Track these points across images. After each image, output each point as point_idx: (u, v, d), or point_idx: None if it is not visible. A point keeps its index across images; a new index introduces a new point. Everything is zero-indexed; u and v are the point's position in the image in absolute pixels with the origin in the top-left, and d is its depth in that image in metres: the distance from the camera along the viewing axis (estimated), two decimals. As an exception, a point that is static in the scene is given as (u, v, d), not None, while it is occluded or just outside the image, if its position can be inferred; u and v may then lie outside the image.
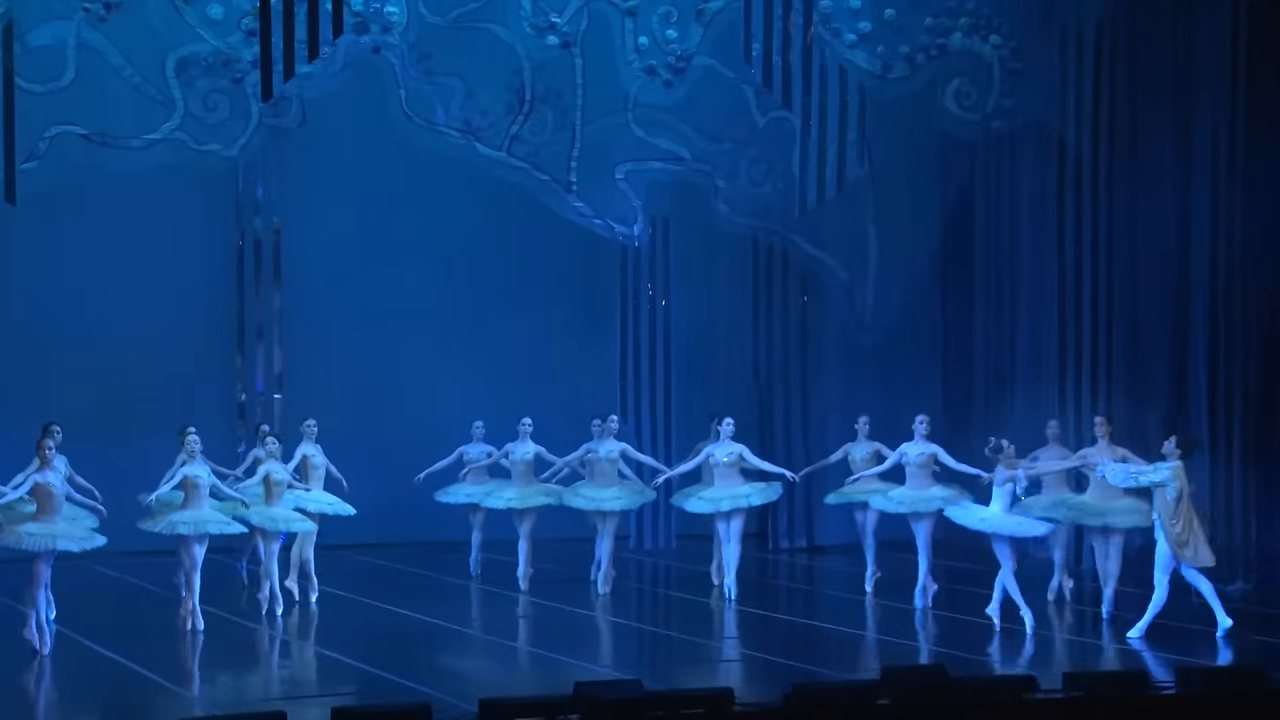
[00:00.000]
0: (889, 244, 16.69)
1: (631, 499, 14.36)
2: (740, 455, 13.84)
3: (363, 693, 10.29)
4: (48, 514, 11.43)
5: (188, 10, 14.36)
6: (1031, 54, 15.94)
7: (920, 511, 13.33)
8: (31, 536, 11.31)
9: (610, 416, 14.56)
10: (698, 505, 13.99)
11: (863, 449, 14.18)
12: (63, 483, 11.67)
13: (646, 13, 15.54)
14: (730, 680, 10.02)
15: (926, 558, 13.40)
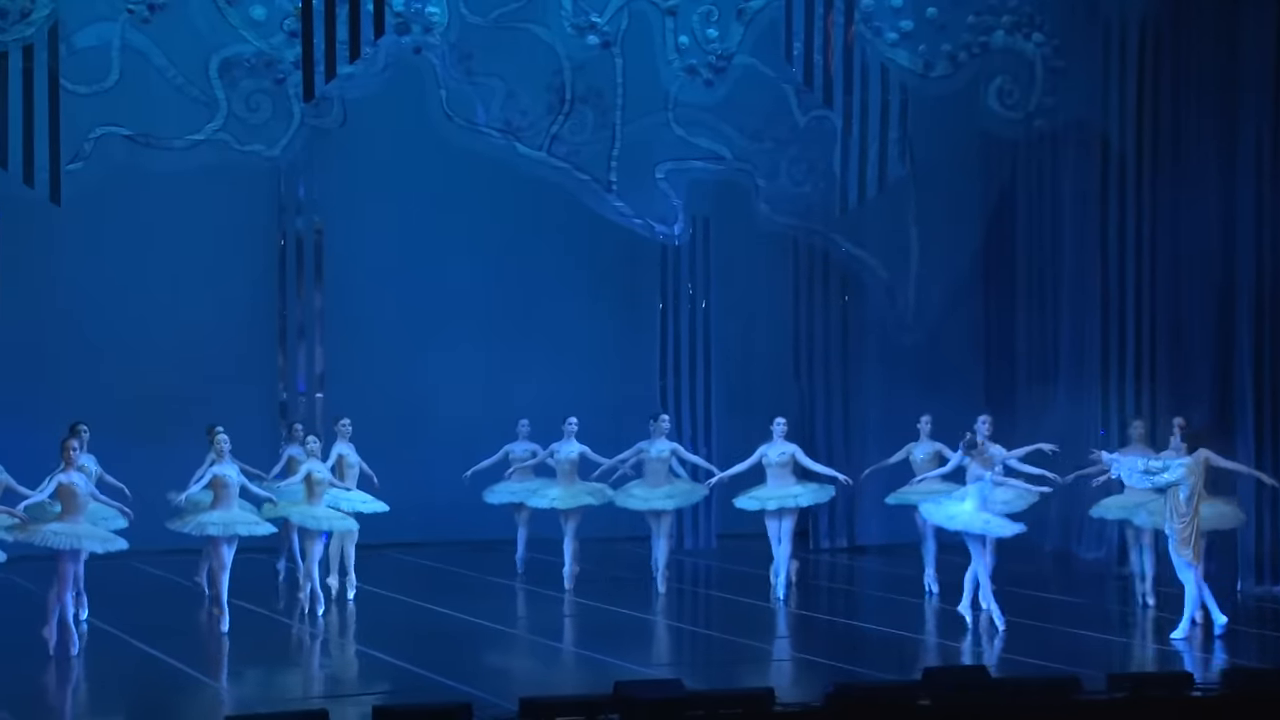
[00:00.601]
0: (930, 243, 16.64)
1: (684, 498, 14.38)
2: (792, 456, 13.82)
3: (404, 691, 10.31)
4: (71, 514, 11.49)
5: (230, 11, 14.44)
6: (1074, 52, 15.86)
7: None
8: (56, 535, 11.38)
9: (662, 416, 14.61)
10: (747, 503, 14.01)
11: (925, 449, 14.04)
12: (87, 483, 11.73)
13: (687, 12, 15.55)
14: (771, 680, 10.01)
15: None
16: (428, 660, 11.17)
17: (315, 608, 13.03)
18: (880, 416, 16.81)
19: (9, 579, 13.01)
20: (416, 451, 16.24)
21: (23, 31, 13.74)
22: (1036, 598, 13.25)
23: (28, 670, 11.04)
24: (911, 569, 15.16)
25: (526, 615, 13.76)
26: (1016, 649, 11.90)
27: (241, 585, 13.57)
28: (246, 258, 17.06)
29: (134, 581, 14.25)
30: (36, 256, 16.03)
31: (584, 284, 17.75)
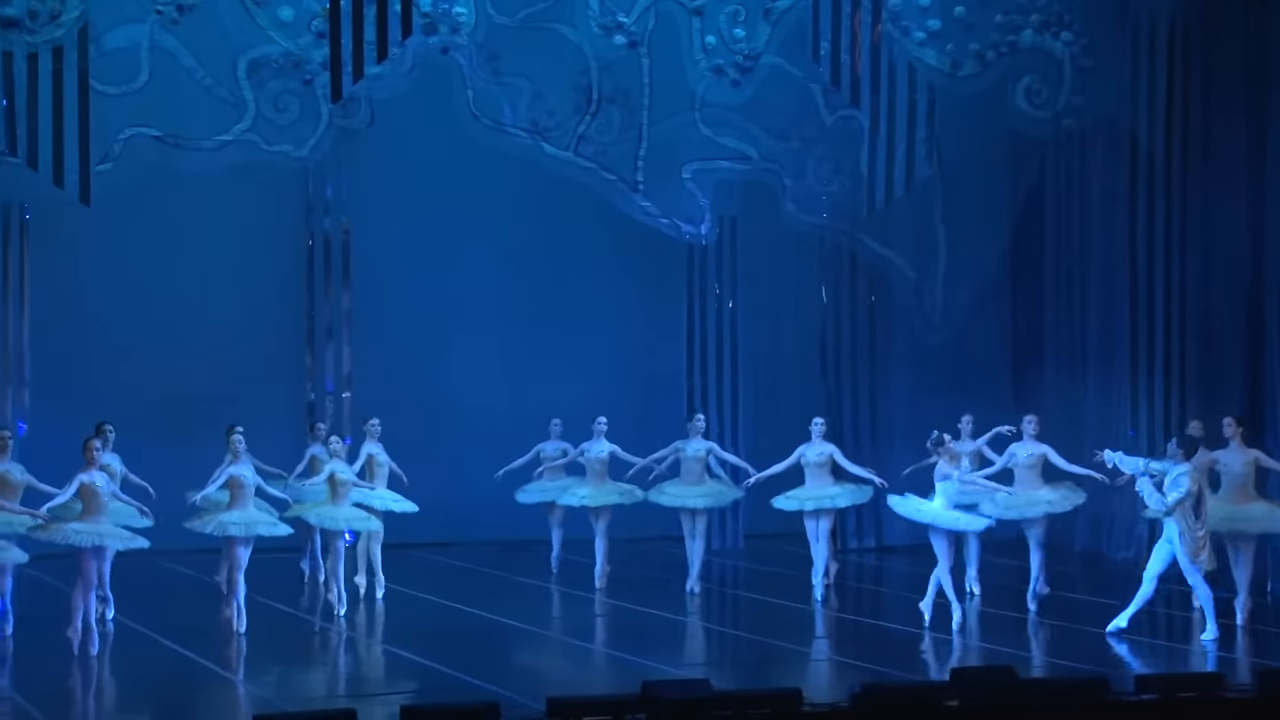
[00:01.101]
0: (958, 243, 16.63)
1: (719, 497, 14.38)
2: (830, 456, 13.81)
3: (432, 691, 10.32)
4: (93, 513, 11.52)
5: (259, 12, 14.53)
6: (1103, 51, 15.84)
7: (1029, 516, 13.15)
8: (77, 534, 11.41)
9: (698, 415, 14.63)
10: (785, 504, 14.00)
11: (965, 448, 13.88)
12: (108, 482, 11.77)
13: (714, 12, 15.58)
14: (799, 680, 10.00)
15: (1038, 560, 13.15)
16: (456, 660, 11.18)
17: (338, 608, 13.05)
18: (907, 417, 16.77)
19: (37, 577, 13.08)
20: (444, 451, 16.28)
21: (53, 33, 13.84)
22: (1065, 598, 13.22)
23: (55, 669, 11.10)
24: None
25: (556, 615, 13.78)
26: (1045, 649, 11.88)
27: (267, 584, 13.66)
28: (274, 258, 17.13)
29: (161, 580, 14.31)
30: (66, 257, 16.14)
31: (610, 284, 17.78)
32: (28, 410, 15.78)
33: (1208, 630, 11.95)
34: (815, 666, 11.45)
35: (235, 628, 12.20)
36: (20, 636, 12.01)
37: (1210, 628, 11.94)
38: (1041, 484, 13.13)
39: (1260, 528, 12.67)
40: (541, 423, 15.26)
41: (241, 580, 12.30)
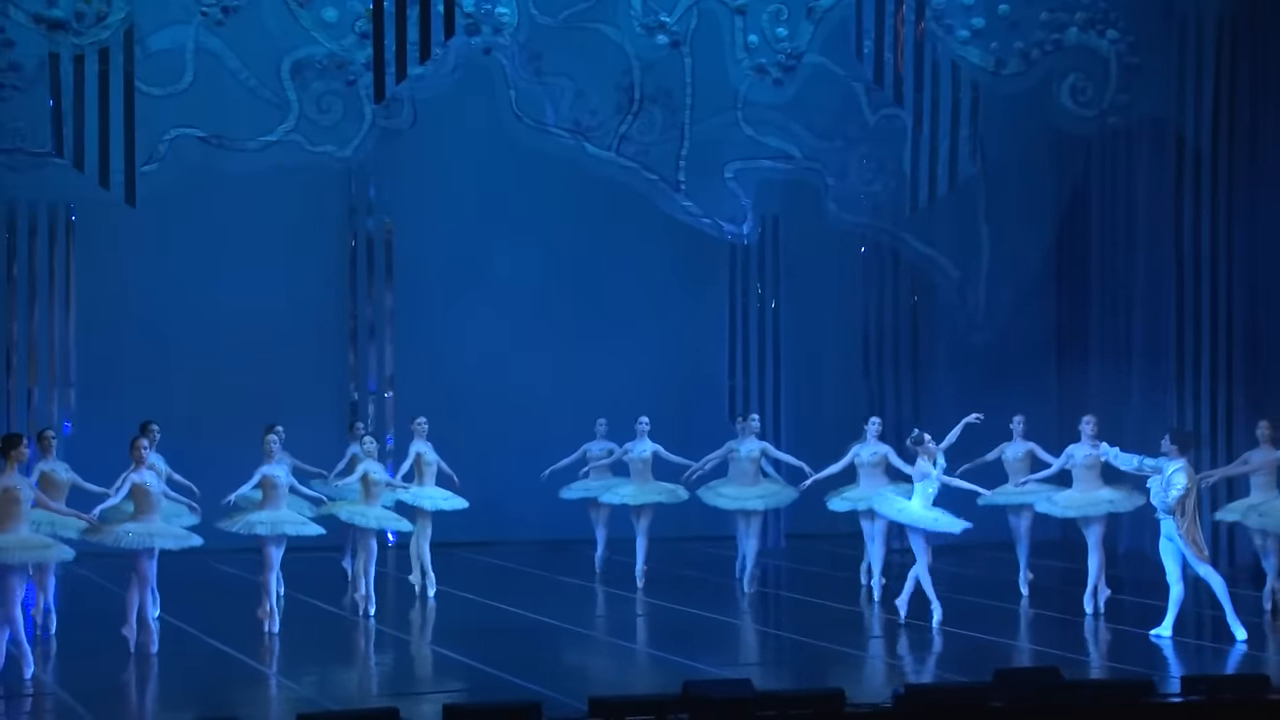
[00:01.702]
0: (1001, 242, 16.58)
1: (776, 498, 14.37)
2: (885, 456, 13.77)
3: (475, 690, 10.35)
4: (145, 513, 11.57)
5: (302, 14, 14.61)
6: (1149, 49, 15.77)
7: (1090, 515, 13.09)
8: (130, 535, 11.46)
9: (751, 415, 14.62)
10: (840, 504, 13.97)
11: (1017, 448, 13.90)
12: (159, 481, 11.83)
13: (756, 11, 15.58)
14: (842, 680, 9.98)
15: (1098, 561, 13.05)
16: (499, 659, 11.19)
17: (367, 606, 13.09)
18: (951, 417, 16.63)
19: (82, 575, 13.18)
20: (486, 450, 16.32)
21: (98, 35, 13.96)
22: (1111, 599, 13.14)
23: (104, 667, 11.18)
24: (982, 569, 15.12)
25: (600, 615, 13.78)
26: (1089, 650, 11.82)
27: (310, 583, 13.74)
28: (317, 258, 17.24)
29: (207, 578, 14.40)
30: (111, 258, 16.30)
31: (652, 284, 17.81)
32: (72, 410, 15.95)
33: (1238, 634, 11.84)
34: (859, 666, 11.41)
35: (268, 627, 12.24)
36: (63, 634, 12.11)
37: (1237, 628, 11.83)
38: (1101, 484, 13.01)
39: None
40: (584, 422, 15.29)
41: (274, 580, 12.35)
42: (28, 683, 10.58)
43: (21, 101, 13.91)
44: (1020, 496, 13.79)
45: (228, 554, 14.15)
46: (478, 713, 9.04)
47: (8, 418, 15.50)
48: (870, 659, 11.76)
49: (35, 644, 11.45)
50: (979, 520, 14.81)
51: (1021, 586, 13.96)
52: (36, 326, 15.92)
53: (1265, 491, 12.82)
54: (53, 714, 9.80)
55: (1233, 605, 11.91)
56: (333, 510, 13.05)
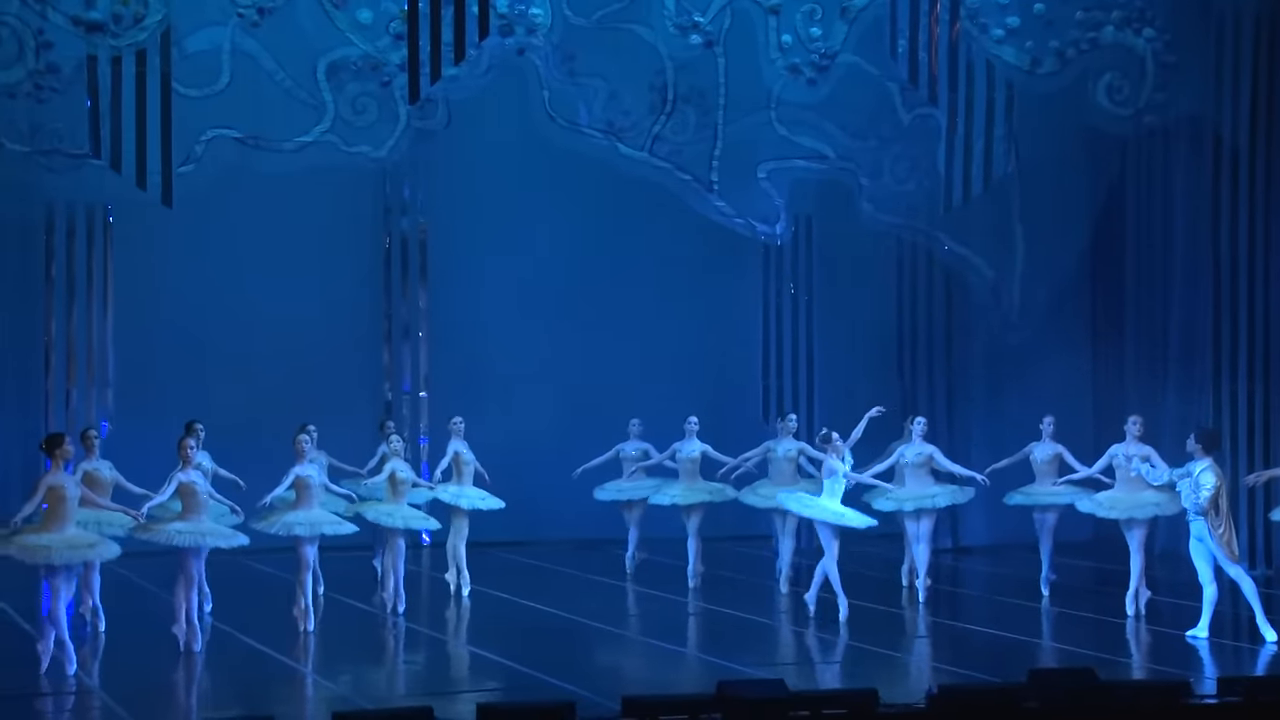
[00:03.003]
0: (1036, 241, 16.55)
1: None
2: (930, 456, 13.79)
3: (509, 689, 10.42)
4: (193, 512, 11.69)
5: (337, 15, 14.69)
6: (1186, 47, 15.72)
7: (1135, 518, 13.05)
8: (180, 534, 11.57)
9: (789, 415, 14.67)
10: (886, 504, 13.94)
11: (1046, 449, 13.87)
12: (205, 481, 11.95)
13: (790, 10, 15.59)
14: (876, 680, 10.01)
15: (1139, 563, 13.01)
16: (532, 658, 11.25)
17: (396, 603, 13.16)
18: (984, 416, 16.76)
19: (122, 574, 13.30)
20: (519, 450, 16.39)
21: (136, 36, 14.06)
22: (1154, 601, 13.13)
23: (144, 665, 11.30)
24: (1015, 569, 15.13)
25: (632, 614, 13.84)
26: (1125, 651, 11.82)
27: (342, 582, 13.83)
28: (352, 258, 17.34)
29: (243, 577, 14.51)
30: (148, 258, 16.42)
31: (686, 284, 17.85)
32: (111, 410, 16.07)
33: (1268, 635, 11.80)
34: (893, 666, 11.43)
35: (303, 626, 12.32)
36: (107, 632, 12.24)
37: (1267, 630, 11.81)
38: (1145, 486, 12.88)
39: None
40: (617, 422, 15.35)
41: (309, 579, 12.43)
42: (70, 680, 10.72)
43: (60, 103, 14.01)
44: (1047, 497, 13.80)
45: (263, 553, 14.26)
46: (512, 712, 9.09)
47: (46, 417, 15.66)
48: (904, 658, 11.79)
49: (83, 642, 11.60)
50: (1013, 520, 14.88)
51: (1043, 586, 13.96)
52: (74, 327, 16.06)
53: None
54: (96, 711, 9.90)
55: (1263, 607, 11.90)
56: (360, 510, 13.14)
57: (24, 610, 12.68)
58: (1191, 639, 11.92)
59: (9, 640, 11.98)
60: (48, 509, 11.01)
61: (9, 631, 12.34)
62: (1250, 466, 15.00)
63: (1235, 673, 10.69)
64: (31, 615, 12.19)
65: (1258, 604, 11.88)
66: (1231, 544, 11.85)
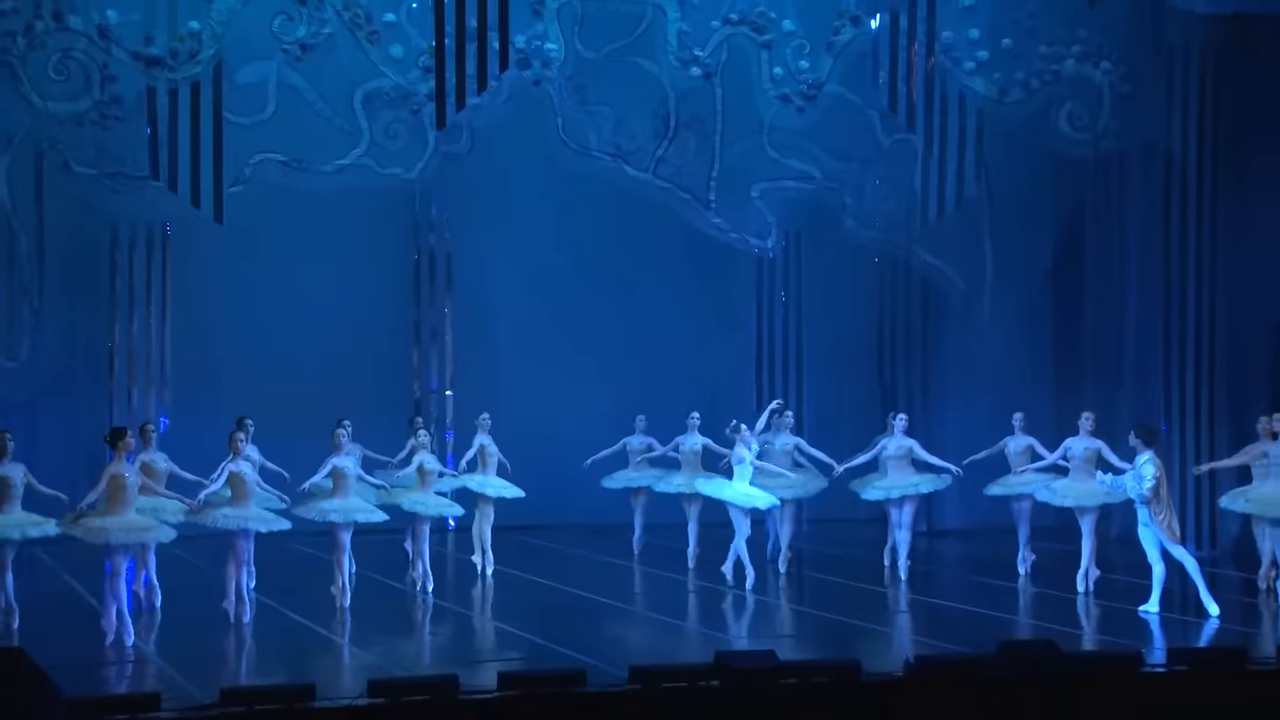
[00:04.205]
0: (1004, 256, 16.59)
1: (806, 486, 14.42)
2: (910, 449, 13.87)
3: (527, 659, 10.44)
4: (241, 499, 11.79)
5: (372, 50, 14.75)
6: (1140, 79, 15.75)
7: (1086, 505, 13.13)
8: (227, 518, 11.70)
9: (786, 412, 14.72)
10: (872, 493, 14.07)
11: (1018, 442, 13.91)
12: (253, 471, 12.02)
13: (781, 46, 15.65)
14: (858, 652, 10.05)
15: (1090, 545, 13.10)
16: (548, 631, 11.27)
17: (426, 585, 13.19)
18: (957, 414, 16.78)
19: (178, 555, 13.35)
20: (535, 442, 16.40)
21: (191, 70, 14.13)
22: (1103, 578, 13.17)
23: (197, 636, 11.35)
24: (985, 550, 15.17)
25: (638, 592, 13.87)
26: (1083, 625, 11.85)
27: (376, 562, 13.86)
28: (385, 269, 17.38)
29: (286, 558, 14.54)
30: (201, 269, 16.43)
31: (685, 293, 17.87)
32: (168, 407, 16.12)
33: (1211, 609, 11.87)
34: (874, 639, 11.46)
35: (340, 602, 12.35)
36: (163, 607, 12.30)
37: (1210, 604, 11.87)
38: (1095, 475, 12.96)
39: None
40: (624, 417, 15.40)
41: (345, 560, 12.45)
42: (129, 650, 10.78)
43: (122, 130, 14.08)
44: (1020, 486, 13.85)
45: (304, 536, 14.30)
46: (529, 680, 9.15)
47: (111, 414, 15.70)
48: (885, 632, 11.81)
49: (138, 615, 11.65)
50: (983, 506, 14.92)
51: (1020, 566, 14.02)
52: (136, 332, 16.10)
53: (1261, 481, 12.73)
54: (153, 677, 9.96)
55: (1206, 584, 11.94)
56: (395, 499, 13.19)
57: (90, 588, 12.73)
58: (1144, 614, 11.96)
59: (77, 615, 12.02)
60: (110, 495, 11.11)
61: (77, 607, 12.39)
62: (1197, 456, 15.05)
63: (1183, 644, 10.74)
64: (97, 592, 12.23)
65: (1201, 581, 11.94)
66: (1172, 527, 11.92)
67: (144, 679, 9.95)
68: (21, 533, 11.46)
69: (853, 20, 15.61)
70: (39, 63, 13.76)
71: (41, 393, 15.34)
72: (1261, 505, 12.65)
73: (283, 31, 14.45)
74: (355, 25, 14.58)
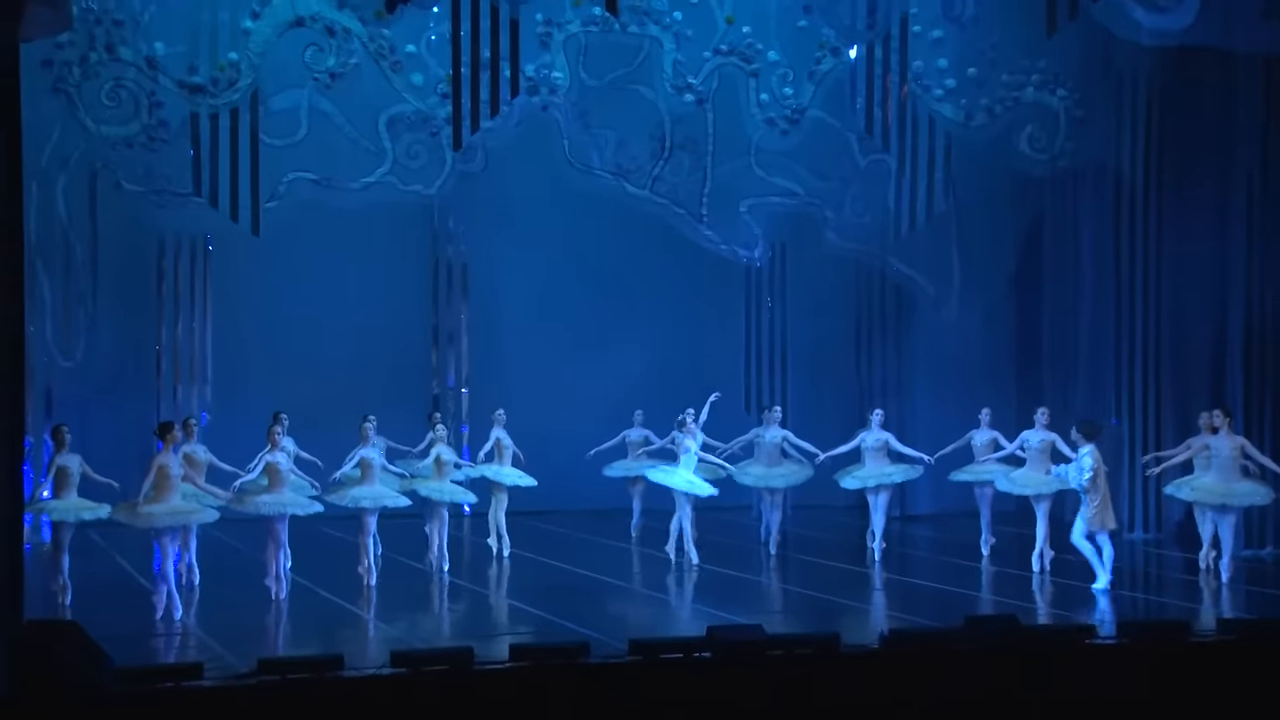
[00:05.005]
0: (970, 265, 16.60)
1: (794, 476, 14.44)
2: (887, 441, 13.90)
3: (536, 633, 10.49)
4: (277, 486, 11.84)
5: (395, 78, 14.76)
6: (1093, 105, 15.77)
7: (1042, 493, 13.19)
8: (265, 504, 11.75)
9: (774, 407, 14.75)
10: (850, 482, 14.11)
11: (984, 435, 14.01)
12: (288, 460, 12.06)
13: (767, 74, 15.66)
14: (838, 626, 10.10)
15: (1044, 529, 13.15)
16: (555, 607, 11.30)
17: (443, 566, 13.18)
18: (928, 408, 16.81)
19: (218, 537, 13.39)
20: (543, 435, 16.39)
21: (230, 97, 14.14)
22: (1060, 559, 13.22)
23: (235, 611, 11.40)
24: (954, 534, 15.20)
25: (637, 572, 13.89)
26: (1040, 602, 11.89)
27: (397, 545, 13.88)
28: (406, 277, 17.38)
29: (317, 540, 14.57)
30: (240, 278, 16.46)
31: (680, 299, 17.87)
32: (209, 403, 16.14)
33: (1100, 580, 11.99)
34: (853, 614, 11.49)
35: (367, 581, 12.37)
36: (204, 585, 12.34)
37: (1102, 578, 11.99)
38: (1050, 464, 13.04)
39: (1246, 501, 12.64)
40: (623, 412, 15.42)
41: (371, 543, 12.47)
42: (176, 624, 10.82)
43: (168, 152, 14.09)
44: (983, 474, 13.91)
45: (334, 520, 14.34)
46: (538, 652, 9.19)
47: (157, 409, 15.74)
48: (863, 607, 11.86)
49: (183, 592, 11.69)
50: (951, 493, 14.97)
51: (983, 548, 14.07)
52: (180, 335, 16.14)
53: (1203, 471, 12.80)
54: (196, 649, 10.01)
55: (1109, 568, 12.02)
56: (415, 487, 13.23)
57: (139, 567, 12.77)
58: (1096, 591, 12.00)
59: (126, 591, 12.07)
60: (156, 484, 11.17)
61: (128, 585, 12.43)
62: (1144, 447, 15.08)
63: (1132, 618, 10.79)
64: (146, 572, 12.28)
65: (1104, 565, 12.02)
66: (1102, 515, 11.96)
67: (188, 650, 10.01)
68: (77, 516, 11.53)
69: (832, 51, 15.62)
70: (93, 91, 13.78)
71: (95, 390, 15.35)
72: (1204, 494, 12.73)
73: (313, 62, 14.46)
74: (379, 56, 14.59)
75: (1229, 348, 14.85)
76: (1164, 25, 13.91)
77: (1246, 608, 11.43)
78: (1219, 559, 12.65)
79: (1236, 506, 12.64)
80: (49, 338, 14.92)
